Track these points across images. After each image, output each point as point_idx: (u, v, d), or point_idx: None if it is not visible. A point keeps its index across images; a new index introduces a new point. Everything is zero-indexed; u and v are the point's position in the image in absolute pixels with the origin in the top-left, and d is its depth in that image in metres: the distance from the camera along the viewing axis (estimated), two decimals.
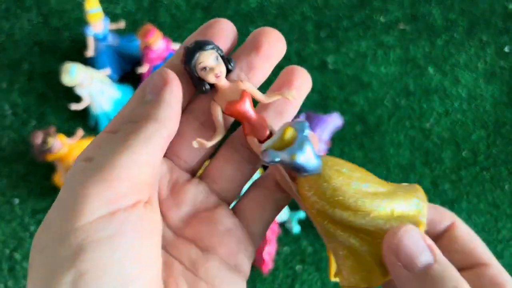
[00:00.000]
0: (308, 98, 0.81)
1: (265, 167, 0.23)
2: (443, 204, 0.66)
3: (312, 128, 0.64)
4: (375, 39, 0.75)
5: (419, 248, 0.19)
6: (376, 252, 0.20)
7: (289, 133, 0.20)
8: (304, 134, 0.20)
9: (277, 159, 0.20)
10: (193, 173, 0.22)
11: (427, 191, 0.74)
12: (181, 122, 0.20)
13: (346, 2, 0.78)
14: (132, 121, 0.18)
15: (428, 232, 0.22)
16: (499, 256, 0.63)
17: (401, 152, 0.69)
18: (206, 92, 0.21)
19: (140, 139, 0.17)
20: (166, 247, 0.20)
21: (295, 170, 0.20)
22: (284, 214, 0.61)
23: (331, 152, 0.68)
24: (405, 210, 0.20)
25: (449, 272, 0.18)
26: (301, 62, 0.73)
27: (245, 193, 0.22)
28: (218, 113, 0.21)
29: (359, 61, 0.74)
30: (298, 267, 0.62)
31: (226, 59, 0.21)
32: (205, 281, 0.20)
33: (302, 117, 0.66)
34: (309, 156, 0.20)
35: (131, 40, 0.71)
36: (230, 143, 0.22)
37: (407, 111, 0.71)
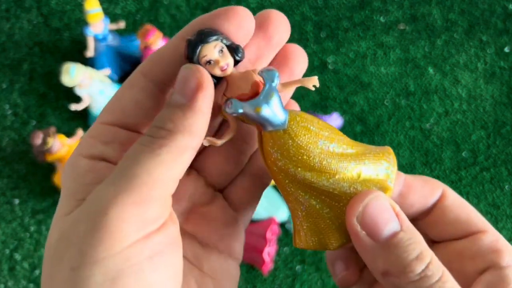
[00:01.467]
0: (308, 98, 0.80)
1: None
2: None
3: None
4: (375, 40, 0.76)
5: (387, 216, 0.18)
6: (336, 216, 0.19)
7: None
8: (273, 84, 0.19)
9: (240, 111, 0.19)
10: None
11: None
12: None
13: (346, 2, 0.78)
14: (161, 128, 0.17)
15: (421, 207, 0.21)
16: None
17: (401, 152, 0.69)
18: (215, 86, 0.19)
19: (173, 153, 0.16)
20: None
21: (260, 124, 0.19)
22: (284, 215, 0.61)
23: None
24: (372, 174, 0.19)
25: (415, 239, 0.18)
26: None
27: (234, 180, 0.22)
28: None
29: (359, 62, 0.74)
30: (298, 268, 0.62)
31: (234, 48, 0.19)
32: (210, 276, 0.20)
33: None
34: (275, 109, 0.19)
35: (131, 40, 0.71)
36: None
37: (407, 111, 0.71)
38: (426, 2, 0.78)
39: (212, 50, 0.18)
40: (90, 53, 0.68)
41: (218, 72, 0.19)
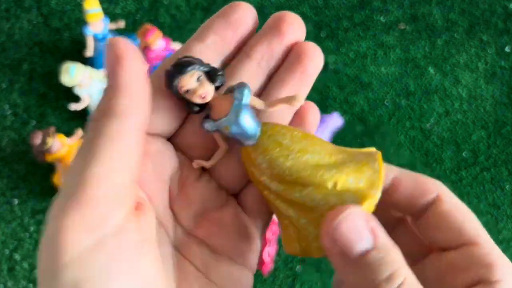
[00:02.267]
0: (309, 98, 0.80)
1: None
2: None
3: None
4: (375, 40, 0.76)
5: (358, 233, 0.17)
6: (313, 226, 0.19)
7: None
8: (242, 102, 0.19)
9: (213, 129, 0.20)
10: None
11: None
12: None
13: (346, 2, 0.78)
14: (93, 120, 0.15)
15: (409, 208, 0.20)
16: None
17: (401, 152, 0.69)
18: (198, 112, 0.20)
19: (104, 143, 0.15)
20: (178, 248, 0.20)
21: (235, 141, 0.20)
22: None
23: None
24: (351, 184, 0.19)
25: (387, 258, 0.17)
26: None
27: (248, 184, 0.22)
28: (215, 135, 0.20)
29: (359, 61, 0.74)
30: (298, 268, 0.62)
31: (212, 75, 0.19)
32: (216, 284, 0.20)
33: None
34: (244, 126, 0.19)
35: (131, 40, 0.71)
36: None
37: (407, 111, 0.71)
38: (427, 2, 0.79)
39: (189, 80, 0.19)
40: (89, 52, 0.68)
41: (198, 100, 0.19)
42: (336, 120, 0.66)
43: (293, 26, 0.20)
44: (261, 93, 0.21)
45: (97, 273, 0.14)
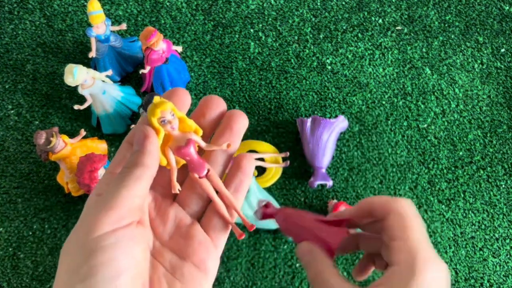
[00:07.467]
0: (307, 98, 0.80)
1: None
2: (440, 202, 0.67)
3: (320, 131, 0.65)
4: (372, 41, 0.76)
5: None
6: None
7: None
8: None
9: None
10: (173, 197, 0.31)
11: (424, 190, 0.74)
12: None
13: (344, 4, 0.79)
14: (126, 167, 0.26)
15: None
16: (496, 253, 0.64)
17: (399, 151, 0.69)
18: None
19: (132, 179, 0.25)
20: (154, 254, 0.28)
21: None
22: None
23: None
24: None
25: None
26: (300, 64, 0.74)
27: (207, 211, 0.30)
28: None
29: (357, 62, 0.75)
30: (298, 265, 0.62)
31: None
32: (180, 281, 0.27)
33: (309, 121, 0.66)
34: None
35: (133, 42, 0.72)
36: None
37: (405, 111, 0.72)
38: (423, 4, 0.79)
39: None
40: (92, 53, 0.69)
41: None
42: (342, 123, 0.67)
43: (241, 124, 0.30)
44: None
45: (109, 246, 0.24)
